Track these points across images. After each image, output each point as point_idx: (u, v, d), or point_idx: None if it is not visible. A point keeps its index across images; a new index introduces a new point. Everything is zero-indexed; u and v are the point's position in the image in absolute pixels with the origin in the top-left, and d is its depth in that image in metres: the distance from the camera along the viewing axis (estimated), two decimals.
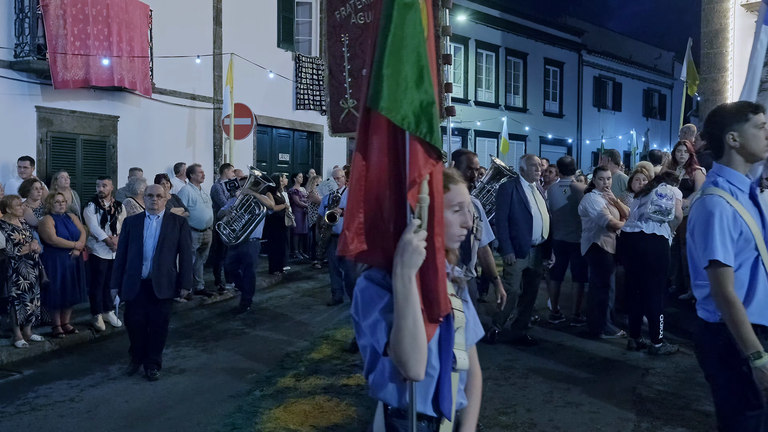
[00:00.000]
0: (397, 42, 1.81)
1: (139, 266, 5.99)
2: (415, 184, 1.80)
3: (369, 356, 1.95)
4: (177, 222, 6.28)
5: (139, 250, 6.00)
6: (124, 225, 6.34)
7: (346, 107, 5.74)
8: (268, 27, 14.47)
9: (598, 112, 30.36)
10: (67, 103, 10.26)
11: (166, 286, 6.05)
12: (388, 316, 1.82)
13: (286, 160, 15.48)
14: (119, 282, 6.10)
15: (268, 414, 5.14)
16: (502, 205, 6.99)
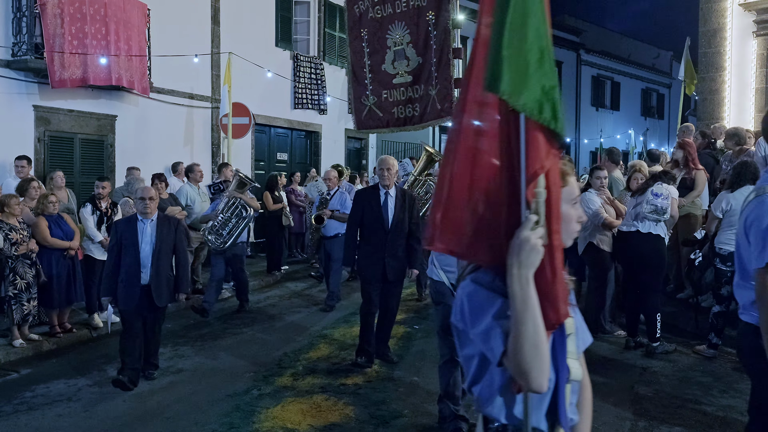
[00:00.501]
0: (516, 20, 1.65)
1: (137, 274, 5.72)
2: (535, 177, 1.64)
3: (475, 367, 1.79)
4: (171, 224, 6.03)
5: (135, 258, 5.72)
6: (114, 230, 5.93)
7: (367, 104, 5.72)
8: (266, 26, 14.46)
9: (596, 111, 30.39)
10: (64, 102, 10.24)
11: (166, 293, 5.89)
12: (503, 322, 1.66)
13: (284, 159, 15.47)
14: (113, 290, 5.78)
15: (265, 413, 5.14)
16: None
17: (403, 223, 6.24)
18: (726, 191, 6.41)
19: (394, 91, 5.56)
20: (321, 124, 16.15)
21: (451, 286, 4.43)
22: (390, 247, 6.17)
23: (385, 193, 6.30)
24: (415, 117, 5.44)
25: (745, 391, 5.56)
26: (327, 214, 8.67)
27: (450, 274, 4.53)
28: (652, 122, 34.03)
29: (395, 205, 6.25)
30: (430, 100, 5.21)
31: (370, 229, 6.25)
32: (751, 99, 11.51)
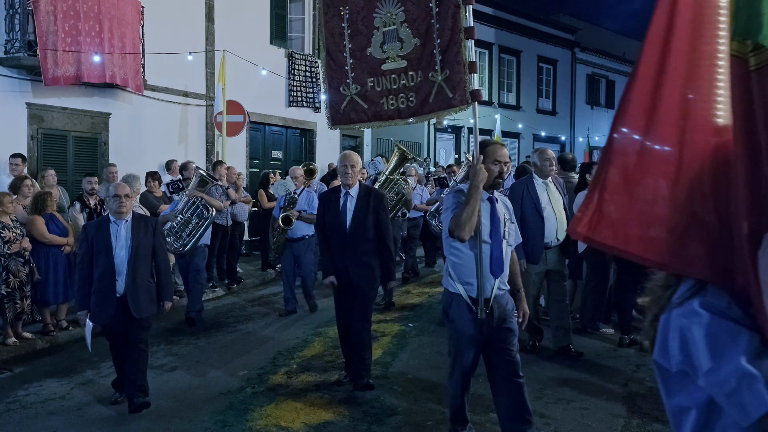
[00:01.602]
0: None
1: (111, 283, 5.06)
2: None
3: (693, 423, 1.38)
4: (149, 225, 5.35)
5: (109, 264, 5.06)
6: (83, 235, 5.22)
7: (347, 94, 4.93)
8: (260, 24, 14.43)
9: (591, 109, 30.44)
10: (58, 100, 10.21)
11: (145, 303, 5.19)
12: (762, 365, 1.24)
13: (279, 157, 15.45)
14: (87, 303, 5.13)
15: (259, 411, 5.14)
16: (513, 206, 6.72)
17: (365, 227, 5.52)
18: None
19: (383, 78, 4.77)
20: (316, 122, 16.13)
21: (469, 300, 4.04)
22: (351, 253, 5.48)
23: (345, 194, 5.64)
24: (410, 108, 4.69)
25: None
26: (294, 214, 8.11)
27: (468, 286, 4.06)
28: None
29: (356, 206, 5.57)
30: (434, 87, 4.51)
31: (331, 234, 5.64)
32: None
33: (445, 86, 4.45)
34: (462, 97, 4.35)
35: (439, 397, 5.40)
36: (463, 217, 3.80)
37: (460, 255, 4.05)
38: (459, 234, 3.82)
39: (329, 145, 16.58)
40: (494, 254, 4.04)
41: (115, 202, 5.13)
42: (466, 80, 4.33)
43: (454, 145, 23.26)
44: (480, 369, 6.06)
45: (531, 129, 26.15)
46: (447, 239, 4.06)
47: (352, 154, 5.75)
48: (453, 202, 3.98)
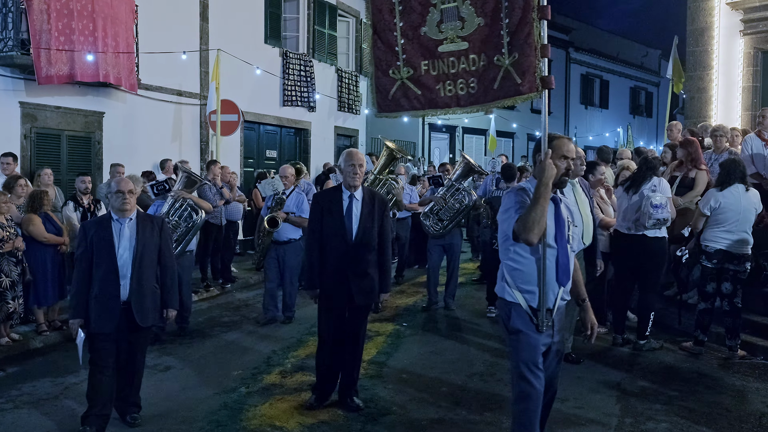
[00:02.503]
0: None
1: (114, 287, 4.60)
2: None
3: None
4: (155, 224, 4.88)
5: (111, 267, 4.60)
6: (82, 234, 4.72)
7: (398, 77, 4.44)
8: (255, 23, 14.41)
9: (585, 109, 30.52)
10: (51, 99, 10.17)
11: (151, 310, 4.77)
12: None
13: (273, 156, 15.43)
14: (84, 309, 4.61)
15: (253, 411, 5.14)
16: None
17: (370, 234, 5.02)
18: (715, 189, 6.44)
19: (439, 62, 4.28)
20: (310, 122, 16.12)
21: (529, 310, 3.59)
22: (354, 263, 4.96)
23: (349, 196, 5.04)
24: (471, 95, 4.21)
25: (730, 387, 5.62)
26: (282, 216, 7.56)
27: (528, 294, 3.61)
28: (640, 120, 34.19)
29: (362, 211, 5.01)
30: (500, 72, 4.03)
31: (330, 240, 5.01)
32: (738, 97, 11.59)
33: (513, 71, 3.99)
34: (531, 84, 3.92)
35: (434, 397, 5.41)
36: (532, 218, 3.40)
37: (521, 260, 3.61)
38: (527, 237, 3.41)
39: (324, 144, 16.58)
40: (560, 260, 3.62)
41: (119, 198, 4.68)
42: (537, 65, 3.89)
43: (448, 144, 23.28)
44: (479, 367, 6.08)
45: (525, 129, 26.20)
46: (505, 242, 3.66)
47: (359, 152, 5.21)
48: (515, 202, 3.60)
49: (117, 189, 4.70)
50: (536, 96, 3.97)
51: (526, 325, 3.59)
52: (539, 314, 3.57)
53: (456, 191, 8.49)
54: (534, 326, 3.58)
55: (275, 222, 7.52)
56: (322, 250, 5.03)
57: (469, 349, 6.83)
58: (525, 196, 3.58)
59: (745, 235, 6.29)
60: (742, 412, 5.05)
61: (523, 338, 3.60)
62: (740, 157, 7.25)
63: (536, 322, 3.58)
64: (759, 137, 7.98)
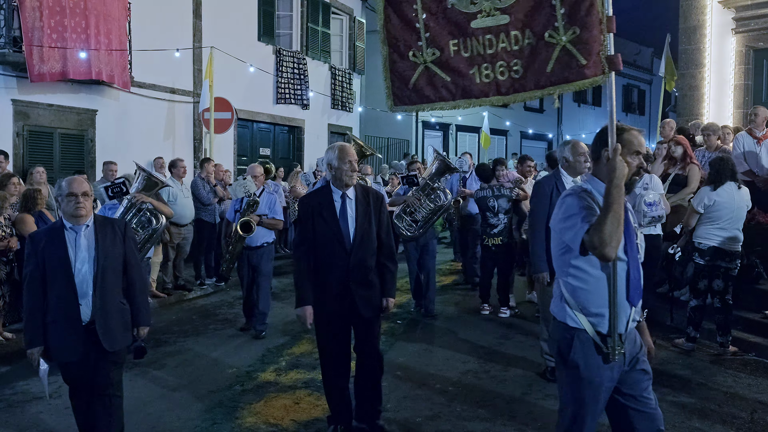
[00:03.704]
0: None
1: (72, 308, 3.88)
2: None
3: None
4: (117, 229, 4.10)
5: (68, 285, 3.87)
6: (31, 247, 3.94)
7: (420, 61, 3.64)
8: (248, 20, 14.39)
9: (578, 107, 30.60)
10: (44, 97, 10.13)
11: (120, 331, 4.02)
12: None
13: (266, 154, 15.43)
14: (40, 336, 3.90)
15: (248, 408, 5.14)
16: (537, 208, 5.53)
17: (369, 236, 4.43)
18: (708, 187, 6.48)
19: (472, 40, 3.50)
20: (304, 119, 16.13)
21: (597, 337, 3.00)
22: (355, 271, 4.37)
23: (341, 195, 4.43)
24: (515, 80, 3.45)
25: (722, 383, 5.66)
26: (255, 219, 7.02)
27: (597, 319, 3.01)
28: (633, 118, 34.31)
29: (357, 211, 4.43)
30: (554, 52, 3.33)
31: (324, 248, 4.38)
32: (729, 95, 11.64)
33: (573, 50, 3.29)
34: (597, 65, 3.27)
35: (428, 394, 5.43)
36: (609, 229, 2.77)
37: (585, 277, 3.01)
38: (604, 251, 2.79)
39: (317, 142, 16.58)
40: (632, 275, 3.03)
41: (71, 202, 3.87)
42: (603, 42, 3.25)
43: (442, 142, 23.30)
44: (473, 365, 6.08)
45: (518, 126, 26.24)
46: (564, 255, 3.06)
47: (348, 146, 4.52)
48: (580, 207, 2.96)
49: (68, 191, 3.87)
50: (602, 80, 3.31)
51: (592, 357, 3.00)
52: (609, 341, 2.99)
53: (431, 190, 7.96)
54: (601, 357, 3.00)
55: (249, 227, 6.96)
56: (315, 260, 4.41)
57: (463, 346, 6.85)
58: (589, 200, 3.00)
59: (737, 233, 6.34)
60: (734, 408, 5.08)
61: (585, 375, 3.00)
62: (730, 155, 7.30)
63: (606, 350, 2.99)
64: (750, 135, 8.03)
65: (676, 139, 8.11)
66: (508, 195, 7.92)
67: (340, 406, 4.56)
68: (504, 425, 4.79)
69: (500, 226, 7.96)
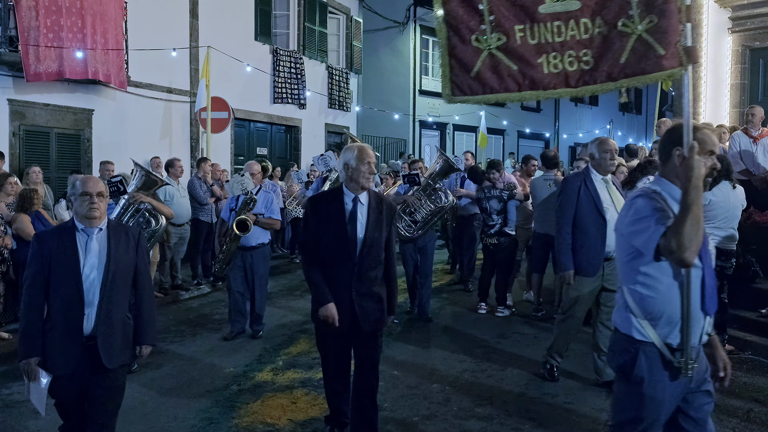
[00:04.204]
0: None
1: (76, 318, 3.54)
2: None
3: None
4: (130, 237, 3.78)
5: (74, 290, 3.53)
6: (36, 247, 3.60)
7: (484, 47, 3.36)
8: (245, 20, 14.38)
9: (575, 106, 30.62)
10: (40, 96, 10.11)
11: (121, 346, 3.67)
12: None
13: (264, 154, 15.41)
14: (37, 346, 3.55)
15: (245, 408, 5.14)
16: (565, 205, 5.40)
17: (378, 246, 4.19)
18: None
19: (540, 26, 3.27)
20: (301, 119, 16.12)
21: (667, 350, 2.79)
22: (359, 280, 4.13)
23: (354, 199, 4.15)
24: (586, 72, 3.24)
25: None
26: (252, 218, 6.83)
27: (668, 330, 2.80)
28: (629, 117, 34.38)
29: (368, 218, 4.16)
30: (629, 42, 3.13)
31: (330, 253, 4.13)
32: (726, 95, 11.67)
33: (650, 40, 3.09)
34: (674, 57, 3.06)
35: (425, 393, 5.43)
36: (688, 232, 2.58)
37: (656, 285, 2.80)
38: (683, 256, 2.59)
39: (314, 141, 16.57)
40: (706, 282, 2.82)
41: (84, 202, 3.57)
42: (682, 32, 3.05)
43: (439, 141, 23.30)
44: (469, 364, 6.09)
45: (515, 126, 26.26)
46: (633, 261, 2.85)
47: (370, 147, 4.29)
48: (653, 209, 2.76)
49: (83, 190, 3.59)
50: (680, 73, 3.10)
51: (658, 373, 2.79)
52: (679, 354, 2.78)
53: (433, 191, 7.86)
54: (669, 373, 2.79)
55: (246, 225, 6.75)
56: (321, 266, 4.17)
57: (460, 345, 6.86)
58: (661, 202, 2.81)
59: (733, 232, 6.35)
60: (730, 407, 5.10)
61: (648, 392, 2.79)
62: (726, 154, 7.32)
63: (678, 364, 2.77)
64: (746, 134, 8.06)
65: None
66: (498, 196, 7.95)
67: (338, 408, 4.51)
68: (501, 424, 4.80)
69: (496, 226, 7.98)
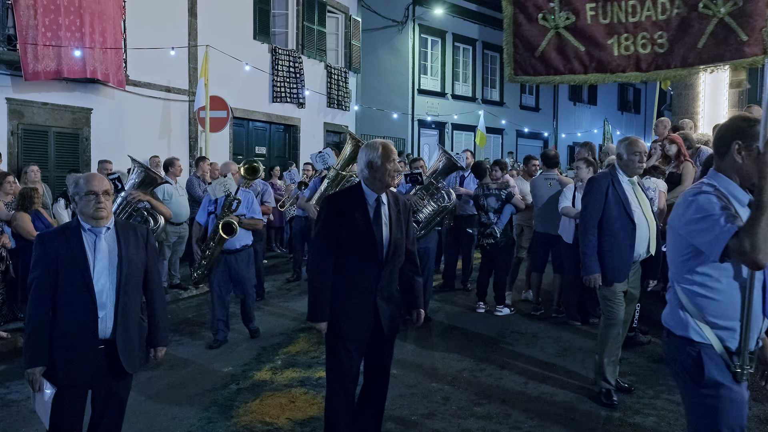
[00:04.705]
0: None
1: (91, 322, 3.36)
2: None
3: None
4: (139, 235, 3.62)
5: (85, 294, 3.34)
6: (40, 249, 3.39)
7: (551, 26, 3.25)
8: (243, 19, 14.37)
9: (574, 105, 30.63)
10: (38, 95, 10.10)
11: (138, 350, 3.59)
12: None
13: (262, 153, 15.41)
14: (46, 354, 3.33)
15: (244, 407, 5.14)
16: (591, 206, 5.11)
17: (402, 247, 3.96)
18: None
19: (613, 5, 3.13)
20: (300, 118, 16.11)
21: (725, 353, 2.70)
22: (384, 285, 3.91)
23: (376, 199, 3.88)
24: (659, 56, 3.10)
25: None
26: (235, 220, 6.57)
27: (726, 333, 2.71)
28: (628, 117, 34.41)
29: (390, 218, 3.91)
30: (709, 25, 2.95)
31: (354, 258, 3.84)
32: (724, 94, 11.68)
33: (732, 24, 2.93)
34: (758, 44, 2.93)
35: (424, 392, 5.44)
36: (763, 232, 2.47)
37: (716, 286, 2.70)
38: (757, 257, 2.47)
39: (313, 140, 16.56)
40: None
41: (90, 201, 3.39)
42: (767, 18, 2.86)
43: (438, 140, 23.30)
44: (468, 363, 6.09)
45: (514, 125, 26.27)
46: (691, 261, 2.75)
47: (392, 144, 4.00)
48: (720, 208, 2.63)
49: (88, 189, 3.40)
50: (761, 61, 2.97)
51: (723, 375, 2.69)
52: (736, 358, 2.69)
53: (436, 190, 7.67)
54: (730, 375, 2.70)
55: (232, 228, 6.47)
56: (340, 270, 3.85)
57: (459, 344, 6.86)
58: (724, 200, 2.68)
59: None
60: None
61: (725, 393, 2.67)
62: None
63: (735, 369, 2.69)
64: None
65: (670, 137, 8.15)
66: (497, 194, 7.96)
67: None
68: (500, 423, 4.80)
69: (492, 225, 7.98)
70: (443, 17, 22.65)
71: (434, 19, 22.43)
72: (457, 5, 23.31)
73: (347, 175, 7.49)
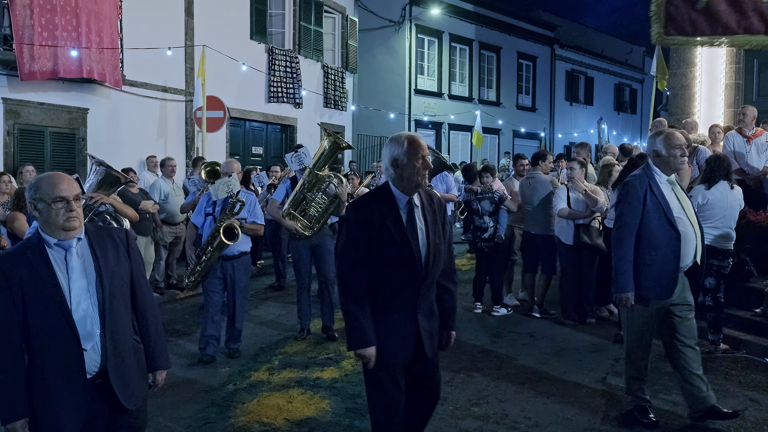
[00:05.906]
0: None
1: (74, 358, 2.74)
2: None
3: None
4: (118, 241, 2.98)
5: (63, 326, 2.71)
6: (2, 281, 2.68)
7: None
8: (240, 19, 14.36)
9: (570, 106, 30.69)
10: (34, 95, 10.08)
11: (137, 380, 2.96)
12: None
13: (259, 153, 15.41)
14: (24, 402, 2.70)
15: (241, 408, 5.13)
16: (627, 215, 4.46)
17: (441, 254, 3.41)
18: (701, 185, 6.51)
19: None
20: (296, 118, 16.11)
21: None
22: (423, 299, 3.38)
23: (407, 202, 3.33)
24: None
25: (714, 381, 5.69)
26: (236, 224, 6.11)
27: None
28: (624, 117, 34.48)
29: (426, 221, 3.36)
30: None
31: (389, 271, 3.29)
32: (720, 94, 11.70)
33: None
34: None
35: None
36: None
37: None
38: None
39: (310, 140, 16.54)
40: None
41: (60, 210, 2.75)
42: None
43: (434, 141, 23.32)
44: (465, 362, 6.09)
45: (511, 125, 26.31)
46: None
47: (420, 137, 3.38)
48: None
49: (56, 195, 2.75)
50: None
51: None
52: None
53: None
54: None
55: (233, 233, 6.02)
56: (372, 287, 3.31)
57: (456, 344, 6.82)
58: None
59: (730, 231, 6.36)
60: (726, 405, 5.11)
61: None
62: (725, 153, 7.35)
63: None
64: (740, 134, 8.09)
65: None
66: (490, 197, 7.97)
67: None
68: (496, 423, 4.81)
69: (489, 230, 7.99)
70: (440, 17, 22.68)
71: (431, 19, 22.46)
72: (453, 5, 23.34)
73: (323, 175, 6.63)
